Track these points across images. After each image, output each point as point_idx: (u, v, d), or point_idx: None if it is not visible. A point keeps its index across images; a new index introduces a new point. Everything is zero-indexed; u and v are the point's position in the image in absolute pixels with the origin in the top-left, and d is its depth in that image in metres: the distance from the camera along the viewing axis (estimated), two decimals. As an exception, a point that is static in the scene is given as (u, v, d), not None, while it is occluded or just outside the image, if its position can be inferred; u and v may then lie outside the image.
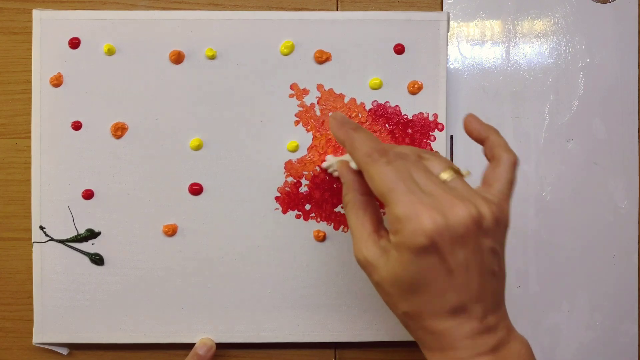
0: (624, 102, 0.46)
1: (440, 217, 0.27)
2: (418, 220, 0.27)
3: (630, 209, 0.46)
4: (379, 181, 0.29)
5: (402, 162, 0.29)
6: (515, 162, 0.32)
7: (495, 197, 0.30)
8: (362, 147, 0.30)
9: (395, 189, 0.28)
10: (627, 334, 0.46)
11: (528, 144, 0.45)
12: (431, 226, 0.27)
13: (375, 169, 0.29)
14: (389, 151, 0.30)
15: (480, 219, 0.28)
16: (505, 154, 0.32)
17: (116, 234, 0.42)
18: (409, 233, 0.27)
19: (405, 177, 0.28)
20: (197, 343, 0.42)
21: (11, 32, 0.44)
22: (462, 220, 0.27)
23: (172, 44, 0.42)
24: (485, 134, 0.33)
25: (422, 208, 0.27)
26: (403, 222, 0.27)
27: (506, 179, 0.31)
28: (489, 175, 0.32)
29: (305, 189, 0.43)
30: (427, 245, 0.27)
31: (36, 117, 0.42)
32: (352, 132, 0.31)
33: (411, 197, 0.27)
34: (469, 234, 0.27)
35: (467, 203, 0.28)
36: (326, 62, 0.42)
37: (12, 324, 0.45)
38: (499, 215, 0.29)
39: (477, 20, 0.46)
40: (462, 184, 0.30)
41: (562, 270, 0.46)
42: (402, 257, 0.28)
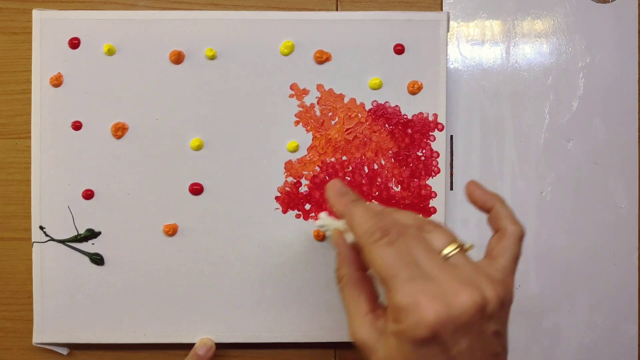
0: (624, 102, 0.46)
1: (444, 308, 0.26)
2: (420, 311, 0.26)
3: (630, 209, 0.46)
4: (380, 265, 0.27)
5: (404, 242, 0.28)
6: (521, 236, 0.30)
7: (499, 273, 0.29)
8: (363, 224, 0.29)
9: (396, 276, 0.27)
10: (627, 334, 0.46)
11: (528, 144, 0.45)
12: (434, 318, 0.25)
13: (377, 250, 0.28)
14: (390, 230, 0.28)
15: (485, 305, 0.27)
16: (511, 226, 0.30)
17: (116, 234, 0.42)
18: (411, 324, 0.26)
19: (406, 260, 0.27)
20: (196, 343, 0.42)
21: (11, 32, 0.44)
22: (466, 310, 0.26)
23: (172, 44, 0.42)
24: (491, 204, 0.32)
25: (424, 299, 0.26)
26: (404, 313, 0.26)
27: (512, 253, 0.30)
28: (494, 247, 0.30)
29: (305, 189, 0.43)
30: (429, 337, 0.26)
31: (36, 117, 0.42)
32: (352, 207, 0.30)
33: (413, 286, 0.26)
34: (473, 322, 0.26)
35: (470, 289, 0.26)
36: (326, 62, 0.42)
37: (12, 324, 0.45)
38: (504, 296, 0.27)
39: (477, 20, 0.46)
40: (465, 261, 0.28)
41: (562, 270, 0.46)
42: (402, 347, 0.27)
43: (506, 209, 0.31)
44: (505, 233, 0.30)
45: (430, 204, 0.43)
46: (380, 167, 0.43)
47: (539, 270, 0.46)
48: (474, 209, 0.45)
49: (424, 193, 0.43)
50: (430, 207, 0.43)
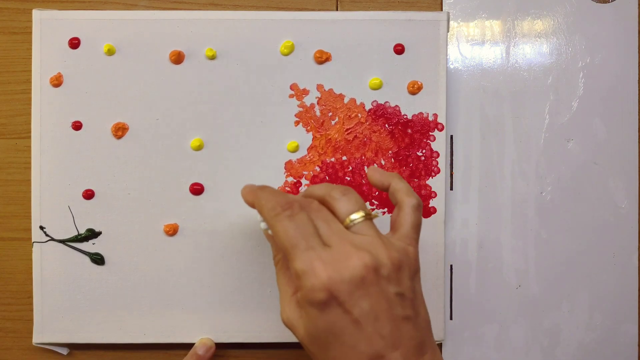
0: (624, 102, 0.46)
1: (335, 271, 0.28)
2: (314, 275, 0.28)
3: (630, 209, 0.46)
4: (282, 237, 0.29)
5: (304, 215, 0.30)
6: (417, 205, 0.32)
7: (399, 242, 0.31)
8: (267, 203, 0.31)
9: (295, 245, 0.29)
10: (627, 334, 0.46)
11: (528, 144, 0.45)
12: (326, 280, 0.28)
13: (279, 224, 0.30)
14: (293, 204, 0.30)
15: (378, 267, 0.28)
16: (406, 197, 0.32)
17: (117, 233, 0.42)
18: (308, 289, 0.28)
19: (306, 232, 0.29)
20: (196, 343, 0.42)
21: (11, 32, 0.44)
22: (356, 271, 0.28)
23: (172, 44, 0.42)
24: (387, 182, 0.33)
25: (318, 264, 0.28)
26: (302, 279, 0.28)
27: (410, 222, 0.31)
28: (395, 219, 0.32)
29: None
30: (326, 299, 0.28)
31: (36, 117, 0.42)
32: (258, 191, 0.32)
33: (310, 254, 0.28)
34: (367, 282, 0.28)
35: (362, 252, 0.28)
36: (326, 62, 0.42)
37: (12, 324, 0.45)
38: (401, 260, 0.29)
39: (477, 20, 0.46)
40: (368, 228, 0.30)
41: (562, 270, 0.46)
42: (308, 314, 0.29)
43: (402, 184, 0.33)
44: (402, 205, 0.32)
45: (430, 204, 0.43)
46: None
47: (539, 270, 0.46)
48: (474, 209, 0.45)
49: (424, 193, 0.43)
50: (430, 207, 0.43)
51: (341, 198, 0.31)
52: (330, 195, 0.31)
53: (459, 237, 0.45)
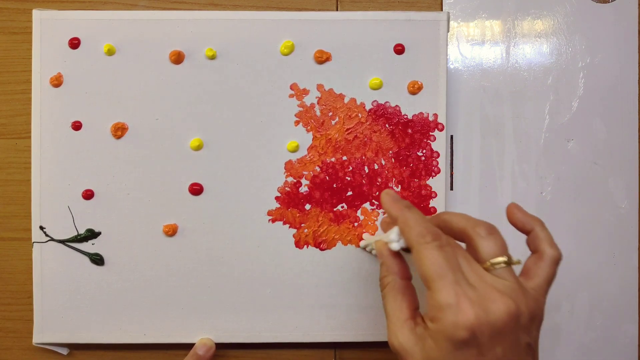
0: (624, 102, 0.46)
1: (482, 312, 0.27)
2: (461, 312, 0.27)
3: (630, 209, 0.46)
4: (429, 265, 0.29)
5: (452, 249, 0.30)
6: (558, 259, 0.32)
7: (533, 292, 0.30)
8: (416, 227, 0.30)
9: (443, 277, 0.28)
10: (627, 334, 0.46)
11: (528, 144, 0.45)
12: (473, 320, 0.27)
13: (427, 251, 0.29)
14: (441, 235, 0.30)
15: (519, 315, 0.28)
16: (549, 249, 0.32)
17: (116, 234, 0.42)
18: (450, 324, 0.27)
19: (453, 265, 0.29)
20: (196, 343, 0.42)
21: (11, 32, 0.44)
22: (502, 316, 0.27)
23: (172, 44, 0.42)
24: (530, 226, 0.33)
25: (465, 300, 0.27)
26: (445, 312, 0.28)
27: (547, 275, 0.31)
28: (531, 267, 0.32)
29: (305, 189, 0.43)
30: (467, 338, 0.27)
31: (36, 117, 0.42)
32: (407, 211, 0.32)
33: (456, 288, 0.28)
34: (508, 329, 0.28)
35: (507, 298, 0.28)
36: (326, 62, 0.42)
37: (12, 324, 0.45)
38: (535, 311, 0.29)
39: (477, 20, 0.46)
40: (508, 275, 0.30)
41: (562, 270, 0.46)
42: (439, 347, 0.28)
43: (546, 232, 0.33)
44: (542, 256, 0.32)
45: (430, 204, 0.43)
46: (380, 167, 0.43)
47: (539, 270, 0.46)
48: (474, 209, 0.45)
49: (424, 193, 0.43)
50: (431, 207, 0.43)
51: (487, 237, 0.30)
52: (475, 232, 0.31)
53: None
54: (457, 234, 0.32)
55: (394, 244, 0.32)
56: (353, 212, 0.43)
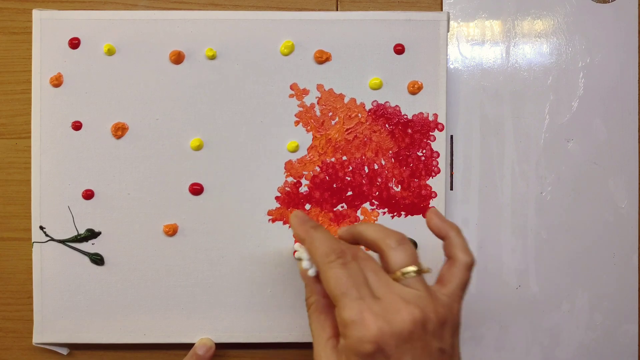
0: (624, 102, 0.46)
1: (385, 324, 0.28)
2: (364, 326, 0.28)
3: (630, 209, 0.46)
4: (333, 283, 0.29)
5: (356, 264, 0.30)
6: (470, 265, 0.32)
7: (445, 297, 0.31)
8: (321, 247, 0.31)
9: (346, 294, 0.29)
10: (627, 334, 0.46)
11: (528, 144, 0.45)
12: (376, 333, 0.28)
13: (331, 271, 0.30)
14: (346, 252, 0.31)
15: (425, 322, 0.29)
16: (462, 255, 0.32)
17: (116, 234, 0.42)
18: (356, 339, 0.28)
19: (358, 281, 0.29)
20: (196, 343, 0.42)
21: (11, 32, 0.44)
22: (405, 325, 0.28)
23: (172, 44, 0.42)
24: (445, 232, 0.33)
25: (369, 315, 0.28)
26: (350, 328, 0.28)
27: (460, 280, 0.32)
28: (445, 274, 0.32)
29: (305, 189, 0.43)
30: (373, 351, 0.28)
31: (36, 117, 0.42)
32: (312, 231, 0.32)
33: (360, 304, 0.28)
34: (414, 337, 0.28)
35: (411, 307, 0.28)
36: (326, 62, 0.42)
37: (12, 324, 0.45)
38: (445, 316, 0.30)
39: (477, 20, 0.46)
40: (417, 283, 0.30)
41: (562, 270, 0.46)
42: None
43: (460, 239, 0.33)
44: (455, 261, 0.32)
45: (430, 204, 0.43)
46: (380, 167, 0.43)
47: (539, 270, 0.46)
48: (474, 209, 0.45)
49: (424, 193, 0.43)
50: (431, 207, 0.43)
51: (397, 248, 0.31)
52: (385, 243, 0.31)
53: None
54: (370, 245, 0.32)
55: (310, 271, 0.33)
56: (353, 212, 0.43)
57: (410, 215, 0.43)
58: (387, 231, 0.32)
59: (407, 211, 0.43)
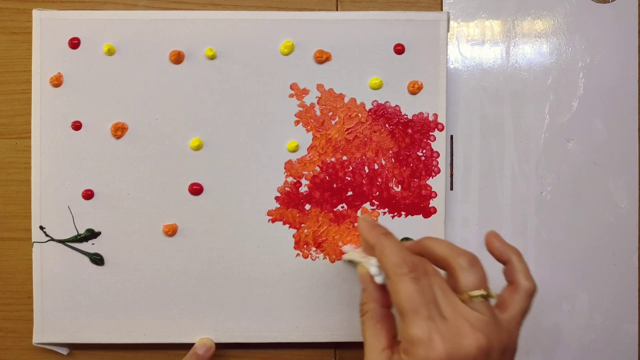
0: (624, 102, 0.46)
1: (453, 348, 0.28)
2: (432, 348, 0.28)
3: (630, 209, 0.46)
4: (404, 297, 0.29)
5: (427, 281, 0.30)
6: (533, 292, 0.32)
7: (507, 323, 0.31)
8: (392, 257, 0.30)
9: (416, 311, 0.29)
10: (627, 334, 0.46)
11: (528, 144, 0.45)
12: (443, 356, 0.28)
13: (402, 283, 0.29)
14: (418, 266, 0.30)
15: (490, 350, 0.29)
16: (525, 281, 0.32)
17: (116, 234, 0.42)
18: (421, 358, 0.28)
19: (427, 299, 0.29)
20: (196, 343, 0.42)
21: (11, 32, 0.44)
22: (471, 351, 0.28)
23: (172, 44, 0.42)
24: (507, 257, 0.33)
25: (437, 337, 0.28)
26: (417, 346, 0.28)
27: (521, 306, 0.32)
28: (506, 299, 0.32)
29: (305, 189, 0.43)
30: None
31: (36, 117, 0.42)
32: (384, 238, 0.32)
33: (429, 324, 0.28)
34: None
35: (478, 333, 0.28)
36: (326, 62, 0.42)
37: (12, 324, 0.45)
38: (507, 344, 0.30)
39: (477, 20, 0.46)
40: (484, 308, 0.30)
41: (562, 270, 0.46)
42: None
43: (522, 264, 0.33)
44: (518, 288, 0.32)
45: (430, 204, 0.43)
46: (380, 167, 0.43)
47: (539, 270, 0.46)
48: (473, 209, 0.45)
49: (424, 193, 0.43)
50: (431, 207, 0.43)
51: (468, 269, 0.31)
52: (457, 262, 0.31)
53: (459, 237, 0.45)
54: (439, 262, 0.32)
55: (378, 278, 0.32)
56: (353, 212, 0.43)
57: (411, 215, 0.43)
58: (459, 250, 0.32)
59: (407, 211, 0.43)
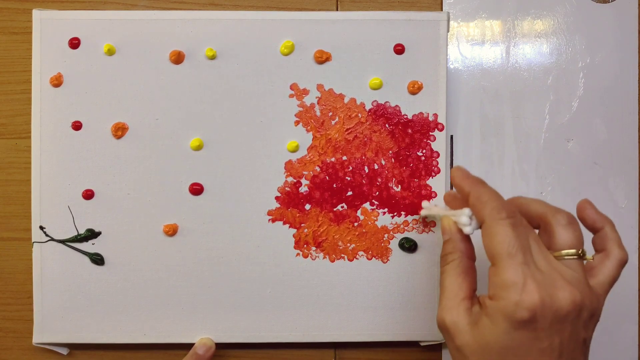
0: (624, 102, 0.46)
1: (548, 296, 0.27)
2: (526, 292, 0.27)
3: (630, 209, 0.46)
4: (500, 241, 0.28)
5: (525, 230, 0.29)
6: (624, 261, 0.31)
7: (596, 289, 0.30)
8: (491, 202, 0.30)
9: (512, 255, 0.28)
10: (627, 334, 0.46)
11: (528, 144, 0.45)
12: (537, 301, 0.27)
13: (500, 227, 0.29)
14: (517, 213, 0.30)
15: (582, 308, 0.28)
16: (617, 250, 0.32)
17: (116, 234, 0.42)
18: (513, 302, 0.27)
19: (524, 246, 0.28)
20: (196, 343, 0.42)
21: (11, 32, 0.44)
22: (566, 304, 0.27)
23: (172, 44, 0.42)
24: (601, 224, 0.33)
25: (532, 282, 0.27)
26: (509, 290, 0.27)
27: (612, 274, 0.31)
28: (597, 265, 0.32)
29: (305, 189, 0.43)
30: (528, 319, 0.27)
31: (36, 117, 0.42)
32: (481, 186, 0.31)
33: (525, 269, 0.27)
34: (569, 320, 0.27)
35: (574, 288, 0.28)
36: (326, 62, 0.42)
37: (12, 324, 0.45)
38: (596, 309, 0.29)
39: (477, 20, 0.46)
40: (578, 267, 0.29)
41: (562, 270, 0.46)
42: (495, 325, 0.28)
43: (615, 233, 0.32)
44: (609, 255, 0.32)
45: (430, 204, 0.43)
46: (380, 167, 0.43)
47: (539, 270, 0.46)
48: (474, 209, 0.45)
49: (424, 193, 0.43)
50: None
51: (567, 227, 0.30)
52: (556, 218, 0.31)
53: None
54: (534, 219, 0.31)
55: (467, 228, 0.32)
56: (353, 212, 0.43)
57: (411, 215, 0.43)
58: (557, 208, 0.31)
59: (407, 211, 0.43)
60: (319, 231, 0.43)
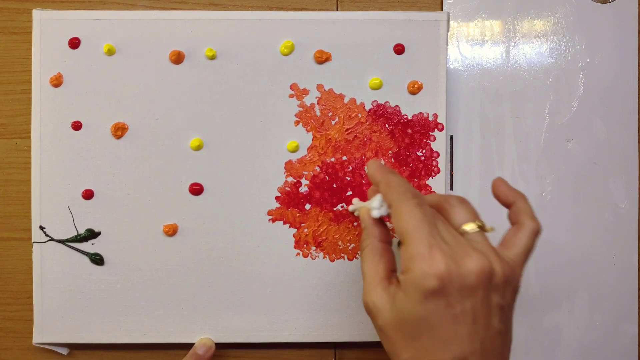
0: (624, 102, 0.46)
1: (453, 263, 0.28)
2: (432, 261, 0.28)
3: (630, 209, 0.46)
4: (406, 219, 0.29)
5: (430, 210, 0.30)
6: (537, 231, 0.32)
7: (509, 260, 0.30)
8: (398, 187, 0.31)
9: (418, 229, 0.29)
10: (627, 334, 0.46)
11: (528, 144, 0.45)
12: (443, 269, 0.27)
13: (406, 207, 0.30)
14: (422, 196, 0.31)
15: (492, 274, 0.28)
16: (529, 221, 0.32)
17: (116, 234, 0.42)
18: (421, 273, 0.28)
19: (430, 222, 0.29)
20: (196, 343, 0.42)
21: (11, 32, 0.44)
22: (473, 270, 0.28)
23: (172, 44, 0.42)
24: (513, 199, 0.33)
25: (437, 251, 0.28)
26: (416, 261, 0.28)
27: (525, 245, 0.32)
28: (509, 238, 0.32)
29: (305, 189, 0.43)
30: (437, 288, 0.27)
31: (36, 117, 0.42)
32: (390, 174, 0.32)
33: (430, 240, 0.28)
34: (479, 286, 0.28)
35: (481, 256, 0.28)
36: (326, 62, 0.42)
37: (12, 324, 0.45)
38: (510, 277, 0.29)
39: (477, 20, 0.46)
40: (482, 239, 0.30)
41: (562, 270, 0.46)
42: (409, 298, 0.28)
43: (527, 206, 0.33)
44: (522, 227, 0.32)
45: (430, 204, 0.43)
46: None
47: (539, 270, 0.46)
48: (474, 209, 0.45)
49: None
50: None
51: (458, 205, 0.32)
52: (448, 202, 0.32)
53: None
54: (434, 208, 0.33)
55: (375, 211, 0.33)
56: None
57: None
58: (447, 195, 0.33)
59: (407, 211, 0.43)
60: (318, 231, 0.43)
